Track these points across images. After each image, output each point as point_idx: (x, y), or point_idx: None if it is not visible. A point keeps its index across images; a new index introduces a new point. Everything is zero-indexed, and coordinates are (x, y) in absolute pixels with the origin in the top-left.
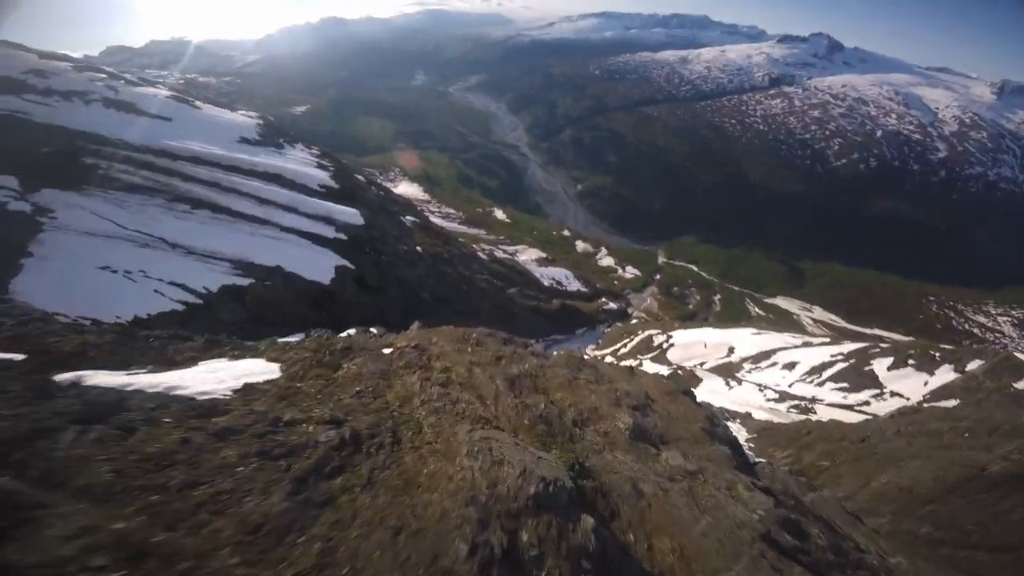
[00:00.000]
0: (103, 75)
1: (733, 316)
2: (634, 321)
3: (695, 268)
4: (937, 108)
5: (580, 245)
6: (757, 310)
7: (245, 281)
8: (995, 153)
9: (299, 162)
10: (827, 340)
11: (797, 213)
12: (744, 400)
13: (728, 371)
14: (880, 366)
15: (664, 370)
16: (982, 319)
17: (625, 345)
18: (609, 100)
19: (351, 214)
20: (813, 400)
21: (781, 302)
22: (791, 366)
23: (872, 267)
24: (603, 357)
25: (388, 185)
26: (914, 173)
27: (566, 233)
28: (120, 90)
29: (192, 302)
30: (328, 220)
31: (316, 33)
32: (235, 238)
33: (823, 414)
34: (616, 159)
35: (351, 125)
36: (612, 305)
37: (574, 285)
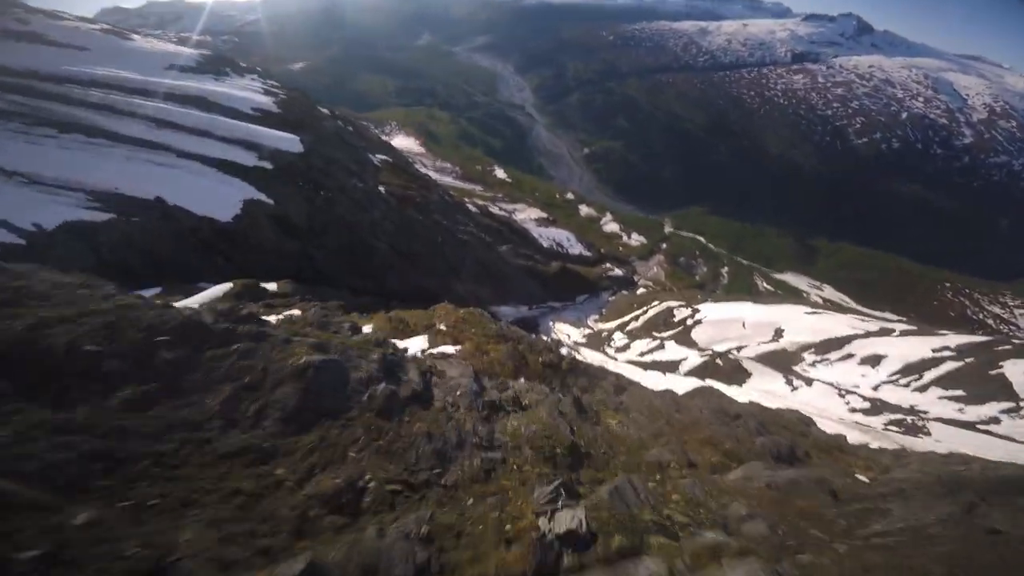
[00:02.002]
0: (17, 8)
1: (741, 290)
2: (641, 290)
3: (702, 239)
4: (967, 94)
5: (584, 209)
6: (765, 285)
7: (103, 217)
8: (1023, 143)
9: (239, 88)
10: (913, 328)
11: (813, 189)
12: (818, 408)
13: (783, 362)
14: (1016, 370)
15: (693, 356)
16: (997, 310)
17: (637, 319)
18: (621, 65)
19: (286, 139)
20: (916, 412)
21: (790, 278)
22: (875, 361)
23: (886, 249)
24: (610, 333)
25: (386, 139)
26: (937, 157)
27: (570, 196)
28: (33, 22)
29: (9, 243)
30: (251, 146)
31: None
32: (104, 165)
33: (941, 435)
34: (627, 124)
35: (351, 81)
36: (617, 271)
37: (576, 248)
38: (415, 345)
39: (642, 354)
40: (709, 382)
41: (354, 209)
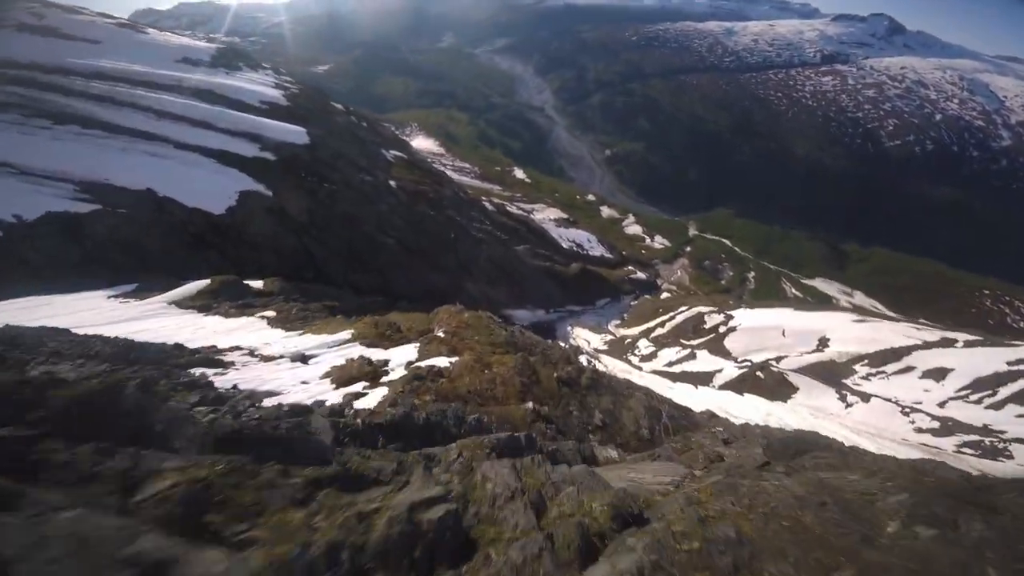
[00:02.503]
0: (35, 3)
1: (768, 295)
2: (665, 295)
3: (728, 243)
4: (1005, 96)
5: (605, 211)
6: (794, 291)
7: (89, 208)
8: None
9: (250, 82)
10: (979, 339)
11: (843, 192)
12: (877, 427)
13: (832, 376)
14: None
15: (728, 367)
16: None
17: (663, 325)
18: (644, 66)
19: (292, 132)
20: (992, 432)
21: (820, 284)
22: (939, 375)
23: (920, 254)
24: (634, 339)
25: (404, 139)
26: (973, 160)
27: (591, 198)
28: (48, 16)
29: None
30: (254, 137)
31: None
32: (98, 155)
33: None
34: (649, 125)
35: (373, 84)
36: (640, 275)
37: (597, 250)
38: (400, 357)
39: (670, 364)
40: (748, 397)
41: (360, 203)
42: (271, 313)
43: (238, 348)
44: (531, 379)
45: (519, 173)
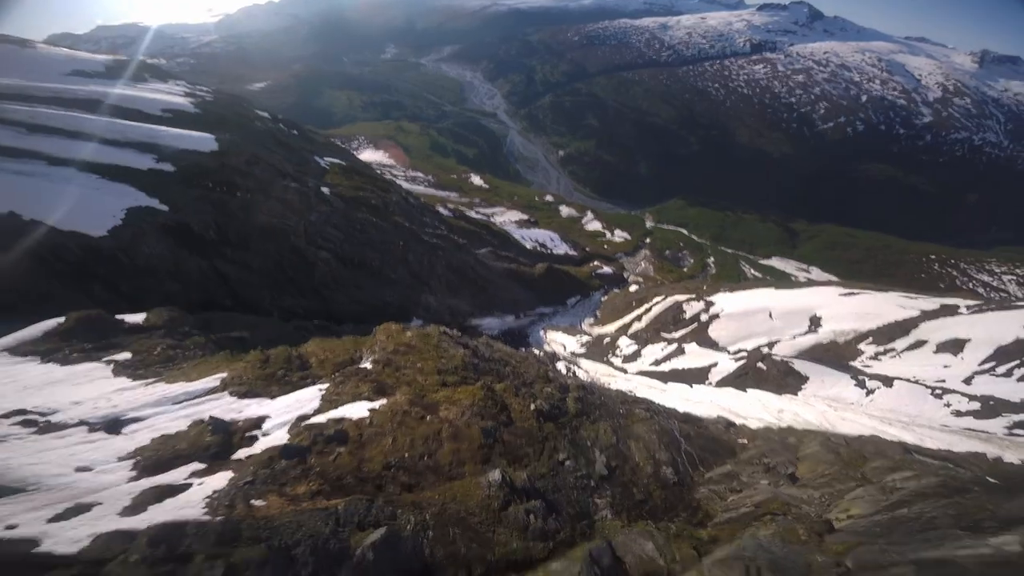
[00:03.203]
0: None
1: (730, 278)
2: (633, 287)
3: (685, 231)
4: (920, 75)
5: (565, 210)
6: (753, 272)
7: None
8: (979, 119)
9: (155, 92)
10: (980, 303)
11: (787, 175)
12: (910, 415)
13: (836, 357)
14: None
15: (724, 360)
16: (986, 277)
17: (639, 318)
18: (588, 65)
19: (197, 139)
20: None
21: (777, 263)
22: (956, 347)
23: (866, 228)
24: (613, 338)
25: (346, 149)
26: (900, 137)
27: (549, 198)
28: None
29: None
30: (148, 147)
31: (278, 11)
32: None
33: None
34: (598, 123)
35: (316, 99)
36: (606, 269)
37: (561, 248)
38: (288, 409)
39: (657, 362)
40: (753, 393)
41: (284, 213)
42: (125, 356)
43: (23, 412)
44: (498, 420)
45: (476, 179)
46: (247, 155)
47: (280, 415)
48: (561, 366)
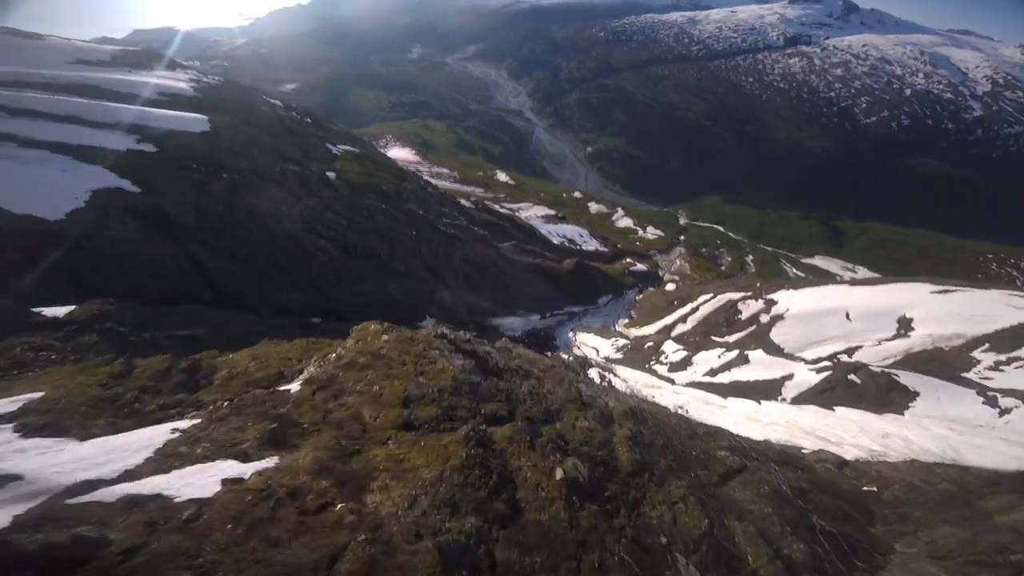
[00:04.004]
0: None
1: (770, 277)
2: (670, 286)
3: (721, 229)
4: (967, 68)
5: (594, 207)
6: (795, 271)
7: None
8: None
9: (157, 78)
10: None
11: (828, 171)
12: None
13: (944, 367)
14: None
15: (801, 371)
16: None
17: (684, 319)
18: (615, 61)
19: (188, 120)
20: None
21: (820, 262)
22: None
23: (913, 226)
24: (656, 342)
25: (365, 140)
26: (949, 132)
27: (577, 195)
28: None
29: None
30: (134, 128)
31: (307, 14)
32: None
33: None
34: (626, 119)
35: (344, 99)
36: (640, 266)
37: (591, 244)
38: (74, 468)
39: (713, 372)
40: (844, 413)
41: (278, 196)
42: None
43: None
44: (490, 512)
45: (502, 176)
46: (242, 136)
47: (48, 477)
48: (594, 374)
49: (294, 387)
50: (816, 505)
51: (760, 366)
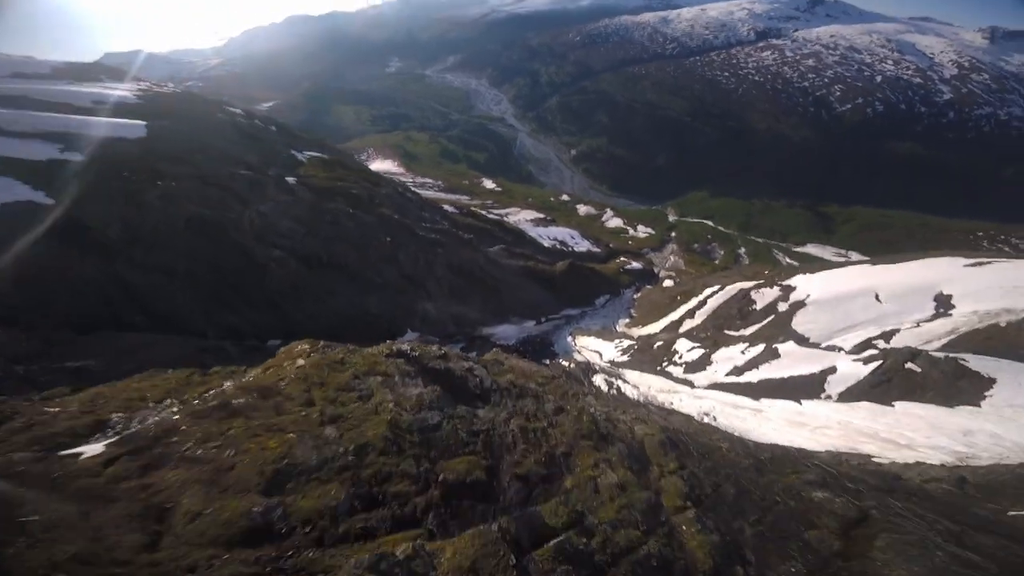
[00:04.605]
0: None
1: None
2: (667, 283)
3: (711, 223)
4: (932, 54)
5: (583, 208)
6: (788, 260)
7: None
8: (1001, 94)
9: (99, 88)
10: None
11: (809, 160)
12: None
13: (1007, 347)
14: None
15: (844, 363)
16: None
17: (692, 314)
18: (593, 64)
19: (122, 126)
20: None
21: (812, 249)
22: None
23: (896, 208)
24: (667, 341)
25: (363, 163)
26: (923, 116)
27: (565, 198)
28: None
29: None
30: (59, 138)
31: (281, 32)
32: None
33: None
34: (608, 120)
35: (325, 115)
36: (635, 264)
37: (583, 245)
38: None
39: (738, 370)
40: (907, 409)
41: (223, 203)
42: None
43: None
44: None
45: (488, 183)
46: (186, 142)
47: None
48: (600, 381)
49: (93, 450)
50: (988, 557)
51: (793, 360)
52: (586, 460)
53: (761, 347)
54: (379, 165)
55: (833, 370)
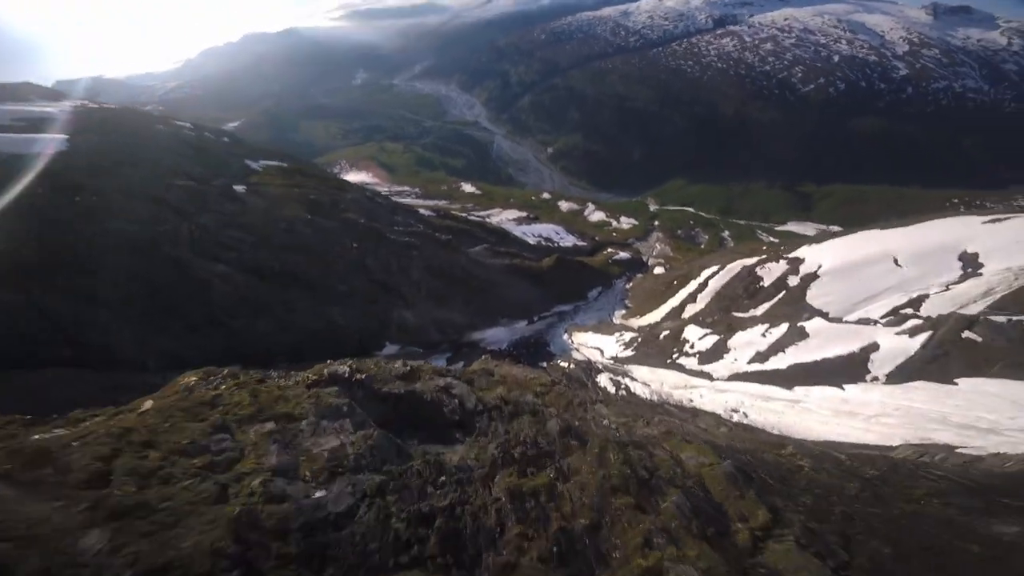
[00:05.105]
0: None
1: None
2: (659, 269)
3: (692, 210)
4: (882, 31)
5: (565, 205)
6: (771, 239)
7: None
8: (953, 67)
9: (25, 106)
10: None
11: (780, 141)
12: None
13: None
14: None
15: (887, 337)
16: None
17: (694, 298)
18: (560, 61)
19: (36, 141)
20: None
21: (794, 227)
22: None
23: (868, 183)
24: (674, 330)
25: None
26: (883, 92)
27: (546, 196)
28: None
29: None
30: None
31: (239, 51)
32: None
33: None
34: (580, 115)
35: (292, 133)
36: (623, 254)
37: (569, 240)
38: None
39: (761, 356)
40: (975, 386)
41: (157, 216)
42: None
43: None
44: None
45: (467, 187)
46: (114, 154)
47: None
48: (604, 380)
49: None
50: None
51: (824, 339)
52: (630, 535)
53: (784, 327)
54: (354, 177)
55: (875, 347)
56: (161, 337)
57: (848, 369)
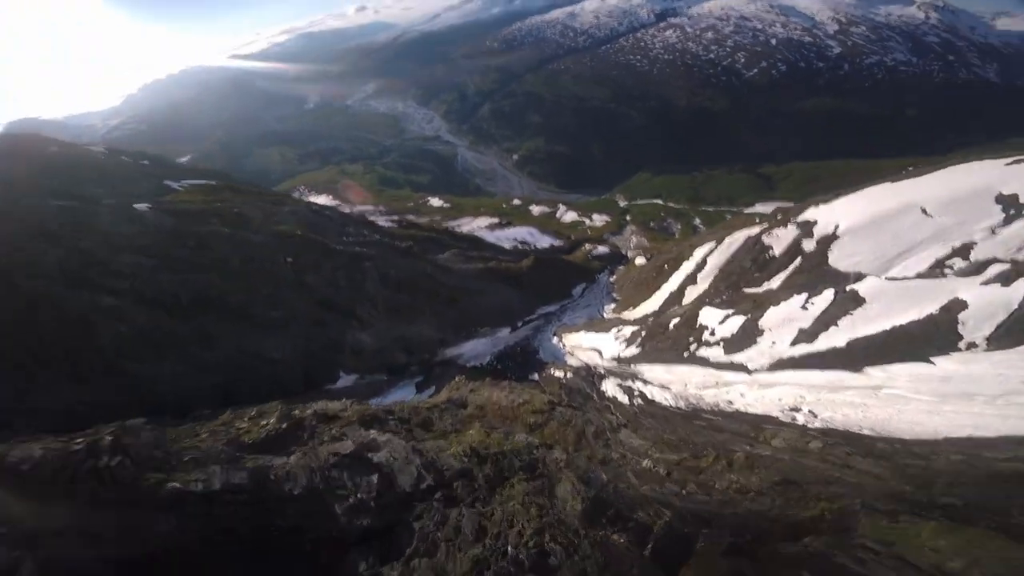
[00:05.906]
0: None
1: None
2: (640, 260)
3: (660, 201)
4: (812, 13)
5: (536, 208)
6: None
7: None
8: (881, 43)
9: None
10: None
11: (733, 125)
12: None
13: None
14: None
15: (973, 296)
16: None
17: (693, 279)
18: (514, 67)
19: None
20: None
21: (762, 208)
22: None
23: (822, 159)
24: (686, 317)
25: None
26: (822, 71)
27: (517, 202)
28: None
29: None
30: None
31: (182, 83)
32: None
33: None
34: (540, 119)
35: (246, 160)
36: (601, 249)
37: (544, 241)
38: None
39: (808, 335)
40: None
41: (29, 247)
42: None
43: None
44: None
45: (435, 201)
46: None
47: None
48: (611, 387)
49: None
50: None
51: (887, 303)
52: None
53: (830, 294)
54: (312, 200)
55: (960, 305)
56: (35, 392)
57: (932, 337)
